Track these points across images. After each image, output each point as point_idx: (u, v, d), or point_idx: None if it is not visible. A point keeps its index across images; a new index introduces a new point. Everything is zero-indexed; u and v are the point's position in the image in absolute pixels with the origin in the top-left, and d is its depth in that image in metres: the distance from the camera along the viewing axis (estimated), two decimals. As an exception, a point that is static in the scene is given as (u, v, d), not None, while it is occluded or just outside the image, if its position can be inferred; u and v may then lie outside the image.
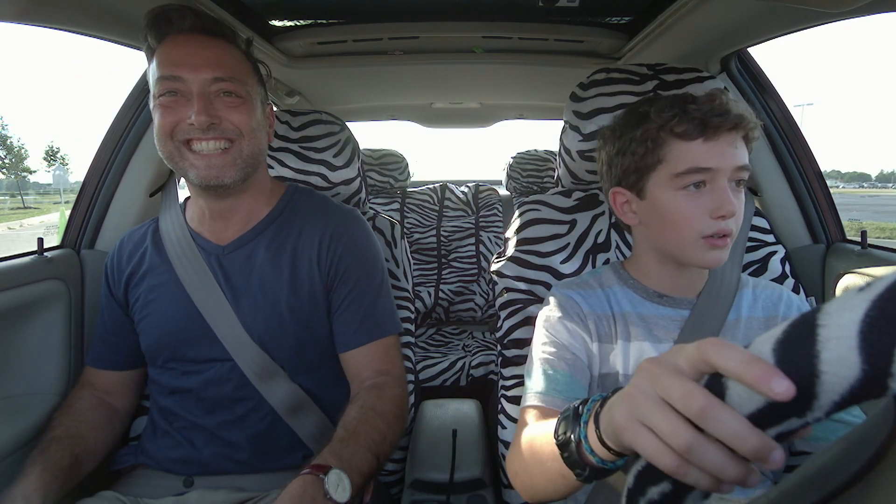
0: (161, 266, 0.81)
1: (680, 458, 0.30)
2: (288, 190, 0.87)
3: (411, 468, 0.91)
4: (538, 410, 0.62)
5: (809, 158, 1.03)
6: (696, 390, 0.29)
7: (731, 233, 0.61)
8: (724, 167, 0.60)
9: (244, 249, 0.80)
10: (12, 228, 23.26)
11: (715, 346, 0.29)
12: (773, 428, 0.28)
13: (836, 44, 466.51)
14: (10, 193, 57.72)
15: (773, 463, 0.28)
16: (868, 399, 0.25)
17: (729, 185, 0.60)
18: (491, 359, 1.58)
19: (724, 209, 0.59)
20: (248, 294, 0.78)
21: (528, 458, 0.55)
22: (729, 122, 0.59)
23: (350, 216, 0.86)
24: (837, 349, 0.25)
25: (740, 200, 0.62)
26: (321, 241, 0.81)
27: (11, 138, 48.25)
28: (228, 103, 0.73)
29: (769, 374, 0.26)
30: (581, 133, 0.81)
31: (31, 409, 0.85)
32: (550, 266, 0.85)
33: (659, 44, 1.03)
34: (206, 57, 0.72)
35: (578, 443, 0.42)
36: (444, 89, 1.69)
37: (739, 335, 0.66)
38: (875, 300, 0.24)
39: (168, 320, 0.79)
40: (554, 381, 0.64)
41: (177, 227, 0.83)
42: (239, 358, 0.76)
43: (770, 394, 0.26)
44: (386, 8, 1.09)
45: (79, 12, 0.78)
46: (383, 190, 2.13)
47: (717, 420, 0.28)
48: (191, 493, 0.75)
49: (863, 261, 0.88)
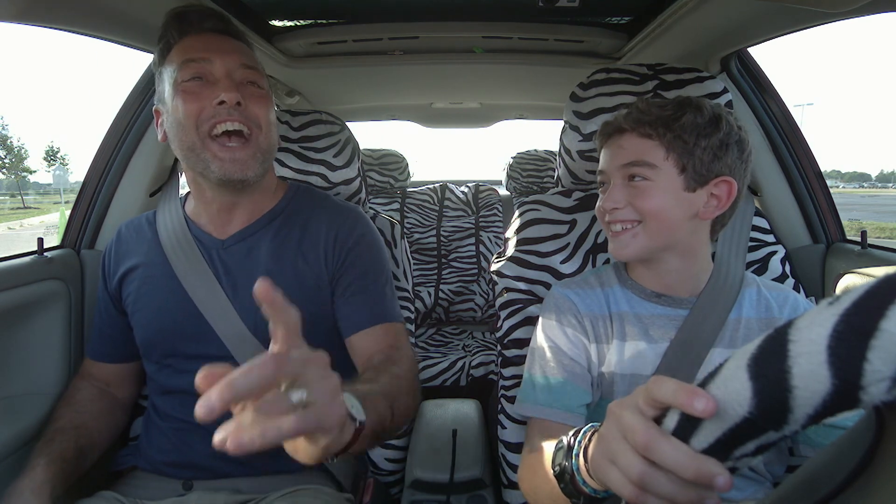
0: (156, 259, 0.80)
1: (637, 488, 0.33)
2: (291, 187, 0.88)
3: (411, 468, 0.90)
4: (542, 424, 0.66)
5: (809, 158, 1.03)
6: (641, 426, 0.33)
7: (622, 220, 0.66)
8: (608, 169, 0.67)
9: (245, 243, 0.80)
10: (12, 228, 23.29)
11: (656, 382, 0.33)
12: (752, 441, 0.29)
13: (837, 44, 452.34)
14: (10, 193, 57.83)
15: (719, 487, 0.30)
16: (842, 411, 0.26)
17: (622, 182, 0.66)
18: (491, 359, 1.58)
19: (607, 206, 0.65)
20: (248, 287, 0.77)
21: (537, 481, 0.57)
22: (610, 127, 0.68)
23: (357, 212, 0.86)
24: (808, 364, 0.25)
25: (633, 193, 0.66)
26: (333, 236, 0.80)
27: (11, 138, 48.46)
28: (253, 92, 0.73)
29: (691, 396, 0.29)
30: (581, 133, 0.81)
31: (31, 409, 0.85)
32: (550, 266, 0.85)
33: (659, 44, 1.03)
34: (233, 45, 0.74)
35: (572, 474, 0.45)
36: (444, 89, 1.69)
37: (739, 336, 0.66)
38: (843, 314, 0.25)
39: (163, 315, 0.78)
40: (554, 391, 0.66)
41: (175, 220, 0.82)
42: (238, 354, 0.75)
43: (694, 412, 0.29)
44: (386, 8, 1.09)
45: (79, 12, 0.78)
46: (383, 190, 2.13)
47: (659, 451, 0.31)
48: (190, 495, 0.75)
49: (863, 261, 0.88)
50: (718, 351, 0.64)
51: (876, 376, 0.24)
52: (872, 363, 0.24)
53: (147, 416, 0.83)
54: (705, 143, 0.62)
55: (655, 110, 0.63)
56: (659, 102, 0.64)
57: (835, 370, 0.25)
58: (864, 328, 0.24)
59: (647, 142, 0.63)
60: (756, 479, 0.65)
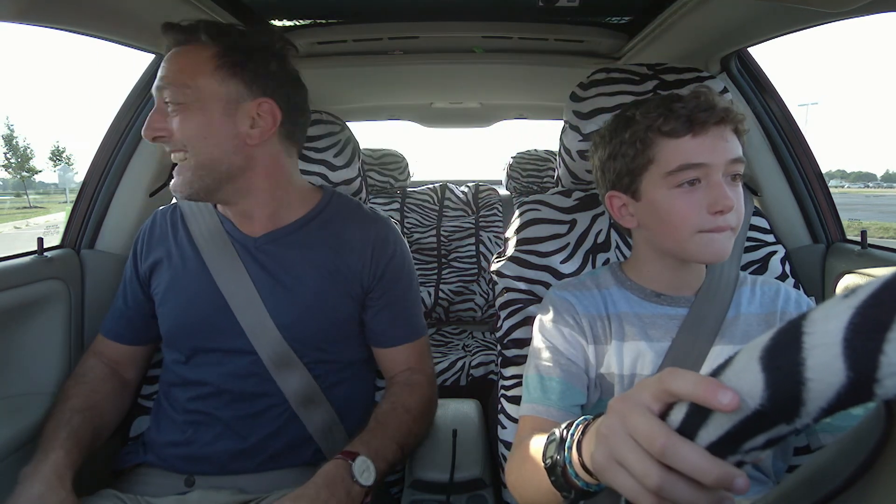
0: (188, 252, 0.81)
1: (655, 496, 0.32)
2: (326, 193, 0.88)
3: (411, 468, 0.90)
4: (534, 421, 0.65)
5: (809, 158, 1.03)
6: (656, 429, 0.31)
7: (732, 227, 0.61)
8: (716, 162, 0.59)
9: (279, 243, 0.81)
10: (19, 227, 23.45)
11: (672, 374, 0.32)
12: (762, 434, 0.28)
13: (842, 43, 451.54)
14: (16, 193, 58.25)
15: (737, 490, 0.30)
16: (856, 404, 0.25)
17: (724, 179, 0.60)
18: (491, 359, 1.58)
19: (721, 204, 0.59)
20: (279, 284, 0.79)
21: (524, 473, 0.57)
22: (715, 116, 0.59)
23: (389, 223, 0.88)
24: (823, 356, 0.25)
25: (738, 194, 0.61)
26: (370, 247, 0.82)
27: (17, 138, 48.56)
28: (171, 111, 0.70)
29: (714, 389, 0.28)
30: (581, 133, 0.81)
31: (31, 409, 0.85)
32: (550, 266, 0.85)
33: (659, 44, 1.03)
34: (166, 68, 0.71)
35: (564, 467, 0.44)
36: (444, 89, 1.68)
37: (738, 332, 0.66)
38: (859, 307, 0.25)
39: (192, 308, 0.79)
40: (549, 390, 0.65)
41: (206, 214, 0.83)
42: (259, 345, 0.77)
43: (718, 406, 0.28)
44: (386, 8, 1.09)
45: (78, 12, 0.78)
46: (383, 190, 2.13)
47: (678, 456, 0.30)
48: (192, 492, 0.75)
49: (863, 261, 0.88)
50: (719, 348, 0.64)
51: (892, 369, 0.23)
52: (889, 355, 0.23)
53: (157, 408, 0.83)
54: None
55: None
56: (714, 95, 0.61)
57: (850, 362, 0.24)
58: (880, 320, 0.24)
59: (739, 139, 0.62)
60: (760, 478, 0.65)
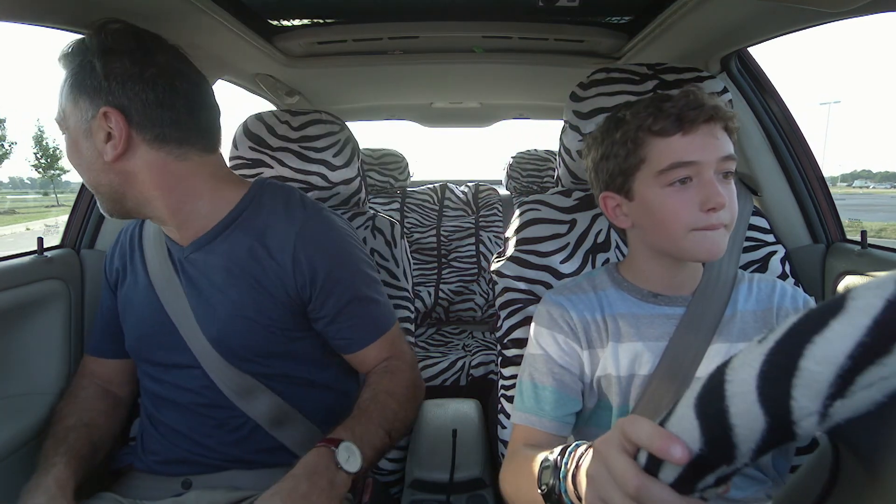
0: (139, 265, 0.80)
1: None
2: (251, 189, 0.79)
3: (411, 468, 0.91)
4: (527, 431, 0.66)
5: (809, 158, 1.03)
6: (630, 472, 0.34)
7: (725, 224, 0.61)
8: (706, 159, 0.60)
9: (202, 252, 0.76)
10: (49, 226, 23.66)
11: (630, 423, 0.34)
12: (710, 475, 0.30)
13: (867, 39, 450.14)
14: (44, 192, 58.96)
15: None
16: (783, 444, 0.27)
17: (716, 177, 0.61)
18: (491, 358, 1.58)
19: (713, 201, 0.59)
20: (201, 295, 0.75)
21: (521, 488, 0.58)
22: (704, 113, 0.59)
23: (321, 214, 0.79)
24: (742, 404, 0.27)
25: (730, 191, 0.62)
26: (292, 243, 0.74)
27: (47, 139, 48.46)
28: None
29: (667, 443, 0.30)
30: (581, 133, 0.81)
31: (31, 409, 0.85)
32: (550, 266, 0.85)
33: (659, 43, 1.03)
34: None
35: (559, 495, 0.46)
36: (444, 89, 1.69)
37: (735, 329, 0.66)
38: (767, 354, 0.26)
39: (143, 322, 0.78)
40: (542, 400, 0.65)
41: (155, 227, 0.81)
42: (206, 365, 0.74)
43: (671, 460, 0.30)
44: (386, 8, 1.09)
45: (78, 12, 0.78)
46: (383, 190, 2.13)
47: (650, 496, 0.32)
48: (189, 493, 0.75)
49: (863, 261, 0.88)
50: (716, 347, 0.64)
51: (803, 412, 0.25)
52: (798, 400, 0.25)
53: (142, 418, 0.83)
54: None
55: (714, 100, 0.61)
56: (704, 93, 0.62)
57: (766, 408, 0.26)
58: (785, 368, 0.25)
59: (730, 137, 0.63)
60: (758, 478, 0.65)
